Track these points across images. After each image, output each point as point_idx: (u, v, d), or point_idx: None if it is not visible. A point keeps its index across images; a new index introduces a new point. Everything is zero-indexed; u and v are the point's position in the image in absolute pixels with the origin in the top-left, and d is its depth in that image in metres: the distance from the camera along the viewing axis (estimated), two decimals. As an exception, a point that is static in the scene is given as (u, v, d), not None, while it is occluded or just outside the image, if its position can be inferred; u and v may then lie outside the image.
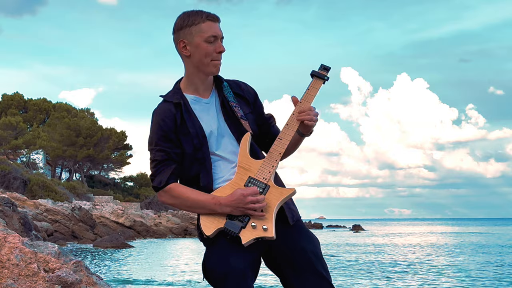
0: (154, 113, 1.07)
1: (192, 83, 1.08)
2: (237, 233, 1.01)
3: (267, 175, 1.04)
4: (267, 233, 1.01)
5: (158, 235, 18.11)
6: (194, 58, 1.05)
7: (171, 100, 1.07)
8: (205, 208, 1.03)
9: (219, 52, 1.05)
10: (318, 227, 32.25)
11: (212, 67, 1.06)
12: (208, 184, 1.05)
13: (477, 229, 33.84)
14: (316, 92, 1.07)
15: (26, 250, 2.02)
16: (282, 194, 1.04)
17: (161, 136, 1.05)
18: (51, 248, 2.18)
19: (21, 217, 5.45)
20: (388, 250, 13.38)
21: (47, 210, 14.28)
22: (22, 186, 17.28)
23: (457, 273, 7.91)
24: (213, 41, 1.04)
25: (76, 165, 24.81)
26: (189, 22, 1.04)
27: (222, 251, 1.02)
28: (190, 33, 1.04)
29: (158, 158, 1.05)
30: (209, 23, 1.04)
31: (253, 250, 1.03)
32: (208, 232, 1.02)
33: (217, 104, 1.08)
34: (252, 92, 1.12)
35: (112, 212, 17.21)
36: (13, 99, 26.11)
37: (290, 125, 1.06)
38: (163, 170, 1.05)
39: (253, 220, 1.02)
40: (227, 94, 1.08)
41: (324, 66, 1.07)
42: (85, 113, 27.29)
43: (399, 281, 6.95)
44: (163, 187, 1.05)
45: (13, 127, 22.17)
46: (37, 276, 1.93)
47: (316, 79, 1.07)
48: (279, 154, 1.05)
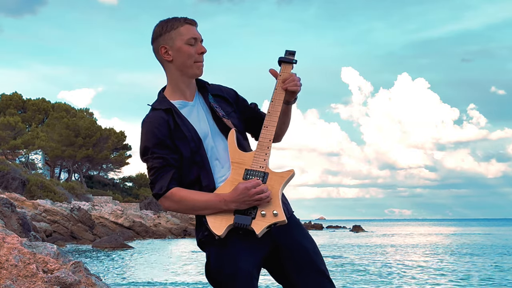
0: (145, 123, 1.07)
1: (177, 89, 1.08)
2: (249, 225, 1.00)
3: (263, 163, 1.05)
4: (279, 218, 1.01)
5: (157, 235, 18.09)
6: (176, 62, 1.06)
7: (161, 108, 1.07)
8: (210, 208, 1.03)
9: (201, 53, 1.06)
10: (318, 228, 32.18)
11: (195, 69, 1.07)
12: (210, 183, 1.06)
13: (478, 229, 33.82)
14: (288, 75, 1.08)
15: (25, 250, 2.01)
16: (282, 178, 1.05)
17: (156, 143, 1.05)
18: (50, 249, 2.17)
19: (19, 218, 5.43)
20: (388, 251, 13.38)
21: (46, 210, 14.24)
22: (20, 187, 17.24)
23: (457, 274, 7.91)
24: (193, 43, 1.06)
25: (75, 165, 24.78)
26: (167, 27, 1.06)
27: (230, 251, 1.02)
28: (171, 38, 1.06)
29: (156, 165, 1.05)
30: (188, 26, 1.06)
31: (259, 249, 1.03)
32: (219, 232, 1.01)
33: (203, 105, 1.09)
34: (231, 92, 1.14)
35: (111, 213, 17.18)
36: (11, 99, 26.08)
37: (272, 112, 1.07)
38: (162, 176, 1.04)
39: (261, 209, 1.02)
40: (209, 96, 1.10)
41: (289, 51, 1.09)
42: (84, 113, 27.26)
43: (399, 281, 6.94)
44: (164, 193, 1.04)
45: (11, 127, 22.14)
46: (36, 277, 1.92)
47: (285, 64, 1.08)
48: (269, 141, 1.06)
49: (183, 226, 20.28)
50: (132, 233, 16.87)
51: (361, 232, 28.02)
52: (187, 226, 20.36)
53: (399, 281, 6.95)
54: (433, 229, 37.58)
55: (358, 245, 16.11)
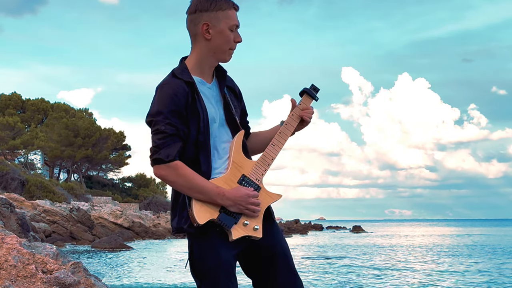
0: (164, 86, 1.04)
1: (200, 65, 1.07)
2: (230, 228, 1.03)
3: (259, 177, 1.07)
4: (257, 233, 1.05)
5: (157, 236, 18.06)
6: (213, 43, 1.05)
7: (183, 78, 1.05)
8: (205, 195, 1.02)
9: (237, 42, 1.07)
10: (318, 229, 32.04)
11: (227, 55, 1.07)
12: (208, 171, 1.05)
13: (478, 230, 33.70)
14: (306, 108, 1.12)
15: (24, 251, 2.00)
16: (271, 198, 1.09)
17: (172, 110, 1.02)
18: (49, 249, 2.16)
19: (18, 218, 5.41)
20: (388, 251, 13.37)
21: (45, 211, 14.21)
22: (20, 187, 17.20)
23: (457, 274, 7.90)
24: (234, 30, 1.06)
25: (74, 166, 24.74)
26: (216, 6, 1.04)
27: (211, 244, 1.03)
28: (217, 18, 1.04)
29: (167, 131, 1.02)
30: (234, 12, 1.06)
31: (238, 245, 1.05)
32: (201, 221, 1.02)
33: (217, 92, 1.09)
34: (238, 89, 1.15)
35: (110, 213, 17.15)
36: (11, 99, 26.03)
37: (283, 133, 1.10)
38: (170, 144, 1.02)
39: (245, 218, 1.05)
40: (223, 85, 1.10)
41: (314, 87, 1.12)
42: (83, 113, 27.22)
43: (399, 282, 6.93)
44: (170, 161, 1.02)
45: (11, 127, 22.10)
46: (35, 278, 1.91)
47: (307, 97, 1.12)
48: (271, 159, 1.08)
49: (182, 226, 20.14)
50: (132, 233, 16.84)
51: (361, 233, 27.94)
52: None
53: (400, 282, 6.94)
54: (433, 229, 37.40)
55: (358, 245, 16.10)
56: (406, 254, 12.17)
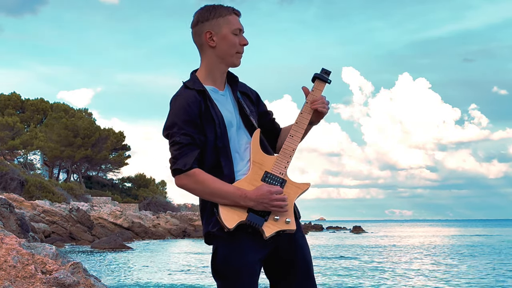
0: (177, 98, 1.07)
1: (211, 74, 1.10)
2: (261, 226, 1.03)
3: (283, 170, 1.07)
4: (290, 226, 1.05)
5: (156, 236, 18.05)
6: (219, 49, 1.08)
7: (194, 88, 1.08)
8: (228, 199, 1.04)
9: (243, 45, 1.09)
10: (318, 229, 31.93)
11: (235, 59, 1.10)
12: (231, 174, 1.06)
13: (479, 230, 33.49)
14: (320, 93, 1.11)
15: (24, 251, 1.99)
16: (299, 189, 1.08)
17: (186, 120, 1.05)
18: (49, 250, 2.16)
19: (18, 218, 5.40)
20: (388, 252, 13.37)
21: (44, 211, 14.20)
22: (19, 187, 17.18)
23: (457, 275, 7.90)
24: (238, 33, 1.09)
25: (74, 166, 24.72)
26: (216, 14, 1.08)
27: (239, 246, 1.04)
28: (218, 25, 1.07)
29: (183, 141, 1.04)
30: (235, 17, 1.09)
31: (263, 247, 1.06)
32: (230, 225, 1.03)
33: (231, 98, 1.12)
34: (254, 93, 1.18)
35: (110, 213, 17.14)
36: (10, 99, 26.01)
37: (300, 123, 1.10)
38: (187, 154, 1.04)
39: (275, 214, 1.05)
40: (237, 91, 1.13)
41: (325, 70, 1.12)
42: (82, 113, 27.20)
43: (398, 282, 6.92)
44: (188, 170, 1.04)
45: (10, 127, 22.08)
46: (35, 278, 1.90)
47: (319, 81, 1.12)
48: (292, 150, 1.08)
49: (182, 227, 20.24)
50: (131, 233, 16.82)
51: (362, 233, 27.76)
52: (186, 227, 20.32)
53: (400, 283, 6.93)
54: (434, 230, 37.22)
55: (358, 246, 16.10)
56: (407, 255, 12.17)
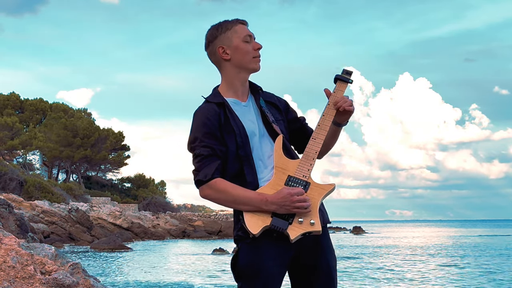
0: (197, 113, 1.11)
1: (231, 87, 1.13)
2: (285, 229, 1.04)
3: (306, 173, 1.08)
4: (315, 227, 1.05)
5: (156, 237, 18.04)
6: (234, 60, 1.12)
7: (214, 101, 1.11)
8: (250, 204, 1.06)
9: (258, 49, 1.12)
10: None
11: (254, 64, 1.12)
12: (254, 181, 1.08)
13: (479, 231, 33.37)
14: (342, 94, 1.12)
15: (23, 252, 1.98)
16: (324, 190, 1.08)
17: (206, 133, 1.09)
18: (48, 250, 2.15)
19: (17, 219, 5.39)
20: (389, 253, 13.36)
21: (43, 211, 14.18)
22: (18, 187, 17.16)
23: (458, 276, 7.89)
24: (249, 40, 1.12)
25: (73, 166, 24.68)
26: (222, 29, 1.11)
27: (258, 251, 1.06)
28: (227, 37, 1.11)
29: (203, 153, 1.08)
30: (241, 26, 1.12)
31: (287, 252, 1.07)
32: (255, 231, 1.04)
33: (254, 108, 1.14)
34: (283, 102, 1.20)
35: (109, 214, 17.12)
36: (9, 99, 25.97)
37: (322, 125, 1.11)
38: (208, 164, 1.08)
39: (299, 216, 1.06)
40: (261, 101, 1.15)
41: (346, 70, 1.12)
42: (82, 113, 27.19)
43: (398, 284, 6.91)
44: (208, 180, 1.07)
45: (9, 127, 22.05)
46: (34, 279, 1.89)
47: (341, 82, 1.12)
48: (315, 153, 1.09)
49: (182, 227, 20.21)
50: (131, 234, 16.81)
51: (362, 234, 27.47)
52: (186, 228, 20.30)
53: (401, 283, 6.92)
54: (436, 230, 36.96)
55: (358, 246, 16.08)
56: (407, 255, 12.16)
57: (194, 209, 31.81)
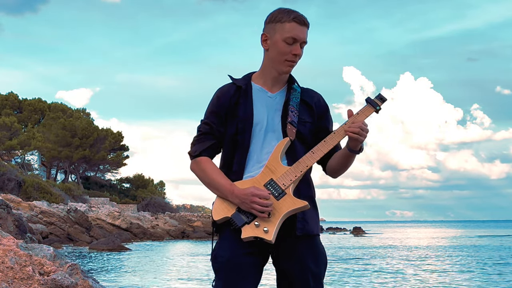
0: (217, 90, 1.13)
1: (263, 75, 1.13)
2: (239, 226, 1.05)
3: (287, 182, 1.07)
4: (266, 236, 1.05)
5: (155, 237, 17.98)
6: (270, 53, 1.11)
7: (236, 83, 1.12)
8: (219, 191, 1.07)
9: (295, 55, 1.09)
10: None
11: (284, 67, 1.10)
12: (240, 170, 1.08)
13: (480, 231, 33.12)
14: (364, 118, 1.08)
15: (21, 252, 1.97)
16: (294, 205, 1.07)
17: (212, 111, 1.11)
18: (46, 251, 2.13)
19: (15, 219, 5.36)
20: (389, 254, 13.36)
21: (42, 212, 14.13)
22: (16, 188, 17.10)
23: (458, 277, 7.89)
24: (291, 42, 1.08)
25: (72, 166, 24.62)
26: (276, 18, 1.09)
27: (225, 241, 1.07)
28: (273, 29, 1.10)
29: (202, 130, 1.11)
30: (294, 25, 1.08)
31: (253, 246, 1.06)
32: (216, 217, 1.07)
33: (280, 102, 1.11)
34: (323, 106, 1.15)
35: (108, 214, 17.07)
36: (7, 99, 25.91)
37: (327, 142, 1.08)
38: (202, 141, 1.10)
39: (257, 220, 1.06)
40: (293, 97, 1.11)
41: (381, 96, 1.08)
42: (80, 113, 27.12)
43: (399, 284, 6.92)
44: (196, 156, 1.10)
45: (7, 127, 21.99)
46: (32, 279, 1.88)
47: (369, 106, 1.09)
48: (306, 166, 1.07)
49: (181, 228, 20.18)
50: (130, 235, 16.76)
51: (362, 235, 27.09)
52: (185, 228, 20.27)
53: (401, 285, 6.92)
54: (435, 231, 36.65)
55: (358, 247, 16.08)
56: (407, 256, 12.16)
57: (193, 210, 31.78)
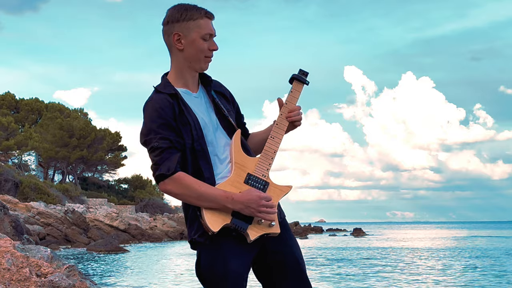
0: (149, 103, 1.05)
1: (181, 77, 1.08)
2: (245, 229, 1.02)
3: (265, 172, 1.06)
4: (274, 229, 1.04)
5: (153, 239, 17.94)
6: (186, 53, 1.06)
7: (166, 91, 1.06)
8: (214, 202, 1.02)
9: (213, 50, 1.07)
10: (318, 231, 31.40)
11: (203, 64, 1.07)
12: (211, 177, 1.05)
13: (482, 232, 32.77)
14: (299, 95, 1.11)
15: (18, 254, 1.94)
16: (282, 191, 1.07)
17: (161, 124, 1.03)
18: (44, 252, 2.10)
19: (12, 220, 5.31)
20: (389, 254, 13.36)
21: (39, 213, 14.05)
22: (13, 188, 17.00)
23: (459, 278, 7.89)
24: (208, 39, 1.06)
25: (69, 167, 24.53)
26: (187, 16, 1.05)
27: (221, 253, 1.03)
28: (187, 28, 1.05)
29: (162, 146, 1.02)
30: (207, 20, 1.06)
31: (249, 251, 1.04)
32: (214, 228, 1.01)
33: (206, 99, 1.10)
34: (228, 92, 1.15)
35: (106, 215, 17.00)
36: (4, 99, 25.77)
37: (280, 124, 1.09)
38: (168, 158, 1.02)
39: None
40: (212, 92, 1.11)
41: (303, 71, 1.11)
42: (78, 113, 27.01)
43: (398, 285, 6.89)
44: (172, 174, 1.02)
45: (4, 127, 21.88)
46: (29, 281, 1.85)
47: (297, 82, 1.11)
48: (273, 152, 1.07)
49: (179, 229, 20.13)
50: (128, 236, 16.69)
51: (362, 236, 26.75)
52: (184, 229, 20.20)
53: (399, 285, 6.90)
54: (436, 231, 36.39)
55: (357, 248, 16.06)
56: (409, 257, 12.15)
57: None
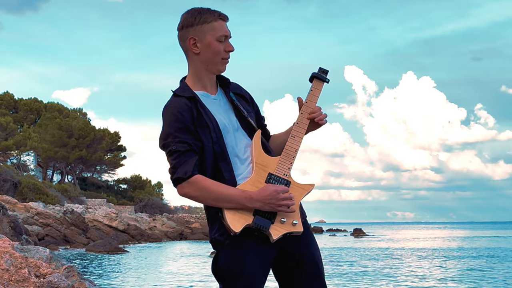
0: (167, 108, 1.07)
1: (199, 80, 1.10)
2: (268, 228, 1.02)
3: (287, 171, 1.07)
4: (296, 228, 1.05)
5: (152, 239, 17.92)
6: (203, 56, 1.08)
7: (184, 95, 1.07)
8: (233, 202, 1.03)
9: (229, 51, 1.09)
10: (318, 231, 31.31)
11: (220, 66, 1.09)
12: (231, 178, 1.05)
13: (483, 233, 32.86)
14: (319, 93, 1.12)
15: (17, 254, 1.93)
16: (304, 190, 1.08)
17: (179, 128, 1.04)
18: (43, 253, 2.09)
19: (11, 221, 5.29)
20: (389, 255, 13.34)
21: (38, 213, 14.02)
22: (12, 189, 16.95)
23: (459, 279, 7.88)
24: (223, 40, 1.08)
25: (68, 167, 24.49)
26: (201, 19, 1.06)
27: (238, 252, 1.04)
28: (202, 31, 1.06)
29: (180, 149, 1.03)
30: (221, 22, 1.07)
31: (268, 251, 1.05)
32: (236, 229, 1.02)
33: (225, 101, 1.11)
34: (248, 93, 1.17)
35: (105, 216, 16.97)
36: (3, 98, 25.70)
37: (301, 123, 1.10)
38: (186, 161, 1.03)
39: (281, 216, 1.04)
40: (231, 93, 1.12)
41: (323, 69, 1.12)
42: (77, 113, 26.97)
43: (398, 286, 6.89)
44: (189, 177, 1.03)
45: (3, 127, 21.84)
46: (28, 282, 1.84)
47: (317, 80, 1.12)
48: (295, 151, 1.08)
49: (179, 229, 20.11)
50: (127, 236, 16.66)
51: (362, 236, 26.66)
52: (183, 230, 20.20)
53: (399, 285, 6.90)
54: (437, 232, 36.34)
55: (357, 248, 16.04)
56: (409, 258, 12.14)
57: (191, 211, 31.71)
